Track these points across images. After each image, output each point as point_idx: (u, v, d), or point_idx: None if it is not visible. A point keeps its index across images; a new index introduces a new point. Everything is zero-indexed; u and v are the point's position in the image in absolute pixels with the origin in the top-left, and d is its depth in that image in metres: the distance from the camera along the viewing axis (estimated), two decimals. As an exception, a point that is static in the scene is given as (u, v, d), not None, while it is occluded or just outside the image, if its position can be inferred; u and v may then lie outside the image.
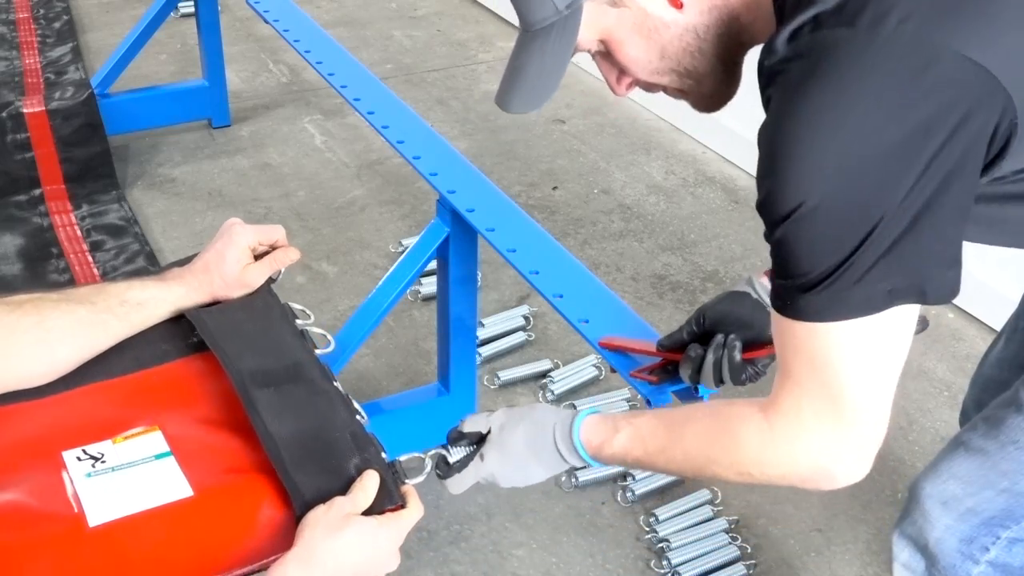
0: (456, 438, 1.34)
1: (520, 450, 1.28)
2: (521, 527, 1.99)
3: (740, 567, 1.90)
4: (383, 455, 1.21)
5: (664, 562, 1.91)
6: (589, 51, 1.15)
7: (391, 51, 4.01)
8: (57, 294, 1.27)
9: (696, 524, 1.97)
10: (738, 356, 1.29)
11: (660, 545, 1.94)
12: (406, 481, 1.22)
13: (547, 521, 2.00)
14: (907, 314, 1.01)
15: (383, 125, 2.06)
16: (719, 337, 1.30)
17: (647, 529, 1.98)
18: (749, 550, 1.95)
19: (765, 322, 1.26)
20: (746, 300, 1.32)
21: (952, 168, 0.95)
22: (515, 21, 1.16)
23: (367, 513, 1.14)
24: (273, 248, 1.45)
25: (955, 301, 1.45)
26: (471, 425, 1.34)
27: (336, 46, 2.44)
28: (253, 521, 1.15)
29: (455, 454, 1.34)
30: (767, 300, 1.29)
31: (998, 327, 2.43)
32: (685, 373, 1.34)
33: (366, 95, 2.18)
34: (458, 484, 1.34)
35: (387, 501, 1.16)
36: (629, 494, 2.03)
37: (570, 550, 1.95)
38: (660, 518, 1.98)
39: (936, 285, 1.00)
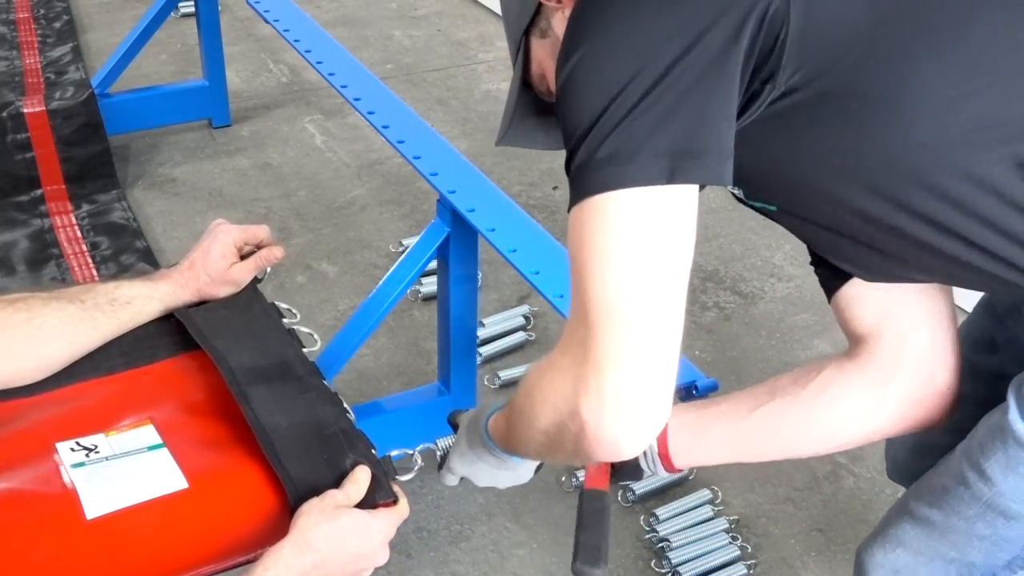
0: (453, 424, 1.36)
1: (465, 449, 1.30)
2: (521, 527, 1.99)
3: (740, 567, 1.90)
4: (373, 451, 1.23)
5: (664, 562, 1.91)
6: (544, 90, 1.15)
7: (391, 51, 4.01)
8: (47, 293, 1.29)
9: (696, 524, 1.97)
10: None
11: (660, 545, 1.94)
12: (397, 478, 1.24)
13: (547, 521, 2.00)
14: (665, 209, 0.89)
15: (383, 125, 2.06)
16: None
17: (647, 529, 1.98)
18: (749, 550, 1.95)
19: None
20: None
21: (718, 53, 0.89)
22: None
23: (359, 507, 1.16)
24: (259, 248, 1.47)
25: (955, 301, 1.44)
26: (461, 418, 1.35)
27: (336, 46, 2.44)
28: (248, 512, 1.17)
29: (441, 448, 1.36)
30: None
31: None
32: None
33: (366, 95, 2.18)
34: (445, 478, 1.35)
35: (379, 495, 1.18)
36: (629, 494, 2.03)
37: (570, 550, 1.94)
38: (660, 518, 1.98)
39: (696, 170, 0.89)
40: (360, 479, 1.17)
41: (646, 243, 0.90)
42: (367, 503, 1.16)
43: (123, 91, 3.17)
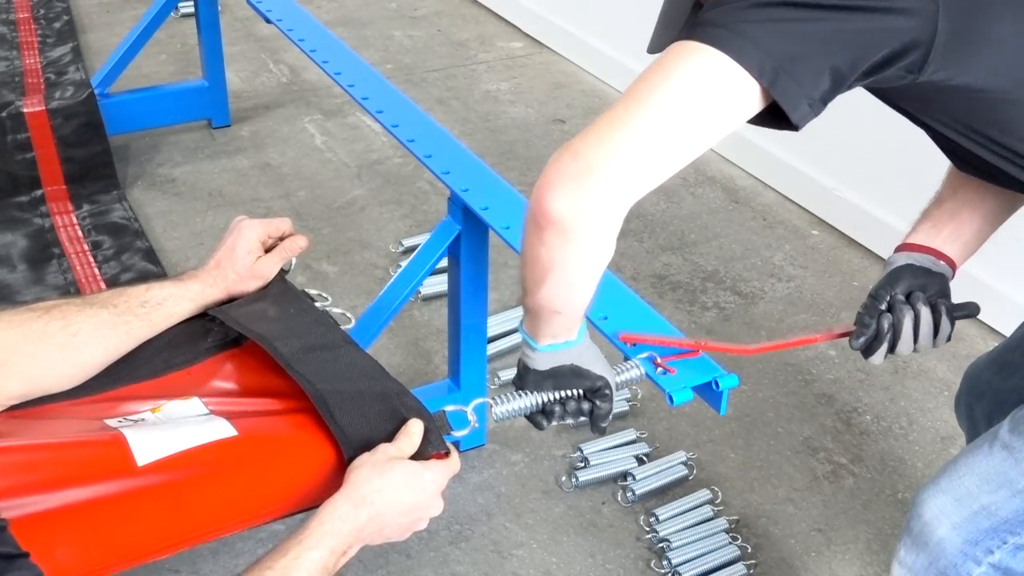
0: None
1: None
2: (521, 527, 1.99)
3: (740, 567, 1.90)
4: (425, 407, 1.25)
5: (664, 562, 1.91)
6: None
7: (391, 51, 4.01)
8: (80, 299, 1.31)
9: (696, 524, 1.98)
10: (946, 312, 1.36)
11: (660, 545, 1.94)
12: (452, 431, 1.25)
13: (547, 521, 2.00)
14: (741, 93, 1.06)
15: (393, 124, 2.05)
16: (919, 295, 1.37)
17: (647, 529, 1.98)
18: (749, 550, 1.95)
19: (942, 282, 1.36)
20: (911, 269, 1.38)
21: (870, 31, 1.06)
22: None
23: (412, 459, 1.18)
24: (282, 239, 1.49)
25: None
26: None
27: (342, 45, 2.44)
28: (301, 465, 1.19)
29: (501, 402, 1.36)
30: (927, 264, 1.38)
31: (998, 327, 2.45)
32: (877, 345, 1.38)
33: (374, 94, 2.17)
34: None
35: (431, 447, 1.20)
36: (629, 494, 2.04)
37: (570, 550, 1.95)
38: (660, 518, 1.98)
39: (791, 90, 1.05)
40: (413, 432, 1.20)
41: (705, 98, 1.05)
42: (420, 455, 1.19)
43: (123, 91, 3.17)
